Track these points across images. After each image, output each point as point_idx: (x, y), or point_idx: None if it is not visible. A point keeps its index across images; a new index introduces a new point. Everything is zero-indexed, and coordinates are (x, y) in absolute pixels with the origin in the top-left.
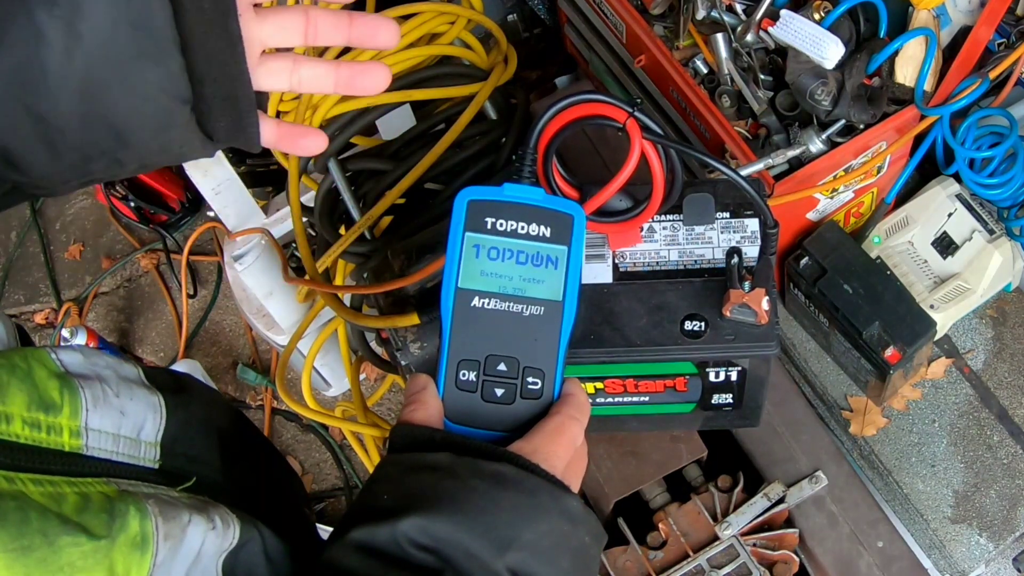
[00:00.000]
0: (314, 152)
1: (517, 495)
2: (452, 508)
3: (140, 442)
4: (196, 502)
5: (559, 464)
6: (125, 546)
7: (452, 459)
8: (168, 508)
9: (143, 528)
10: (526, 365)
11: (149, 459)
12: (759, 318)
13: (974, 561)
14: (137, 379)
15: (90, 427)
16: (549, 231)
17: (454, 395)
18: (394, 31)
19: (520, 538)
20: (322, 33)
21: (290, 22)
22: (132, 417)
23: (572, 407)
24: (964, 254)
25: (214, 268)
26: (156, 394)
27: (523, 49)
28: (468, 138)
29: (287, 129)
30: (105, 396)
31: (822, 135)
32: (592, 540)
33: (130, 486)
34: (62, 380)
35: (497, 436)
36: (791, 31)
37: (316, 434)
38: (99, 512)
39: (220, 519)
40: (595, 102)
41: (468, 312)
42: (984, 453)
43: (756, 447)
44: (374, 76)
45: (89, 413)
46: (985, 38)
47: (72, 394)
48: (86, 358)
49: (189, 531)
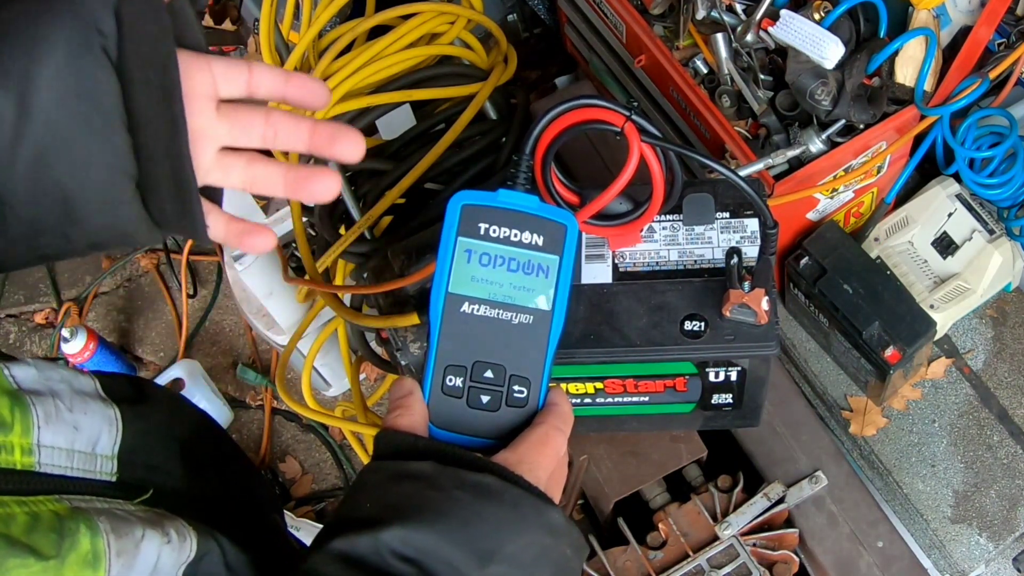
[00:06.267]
0: (262, 251)
1: (500, 507)
2: (434, 519)
3: (96, 456)
4: (151, 515)
5: (543, 475)
6: (75, 564)
7: (435, 468)
8: (121, 524)
9: (94, 545)
10: (512, 373)
11: (105, 472)
12: (759, 318)
13: (974, 561)
14: (93, 392)
15: (43, 444)
16: (541, 240)
17: (440, 400)
18: (357, 142)
19: (502, 550)
20: (281, 138)
21: (250, 123)
22: (86, 431)
23: (557, 417)
24: (964, 254)
25: (214, 268)
26: (112, 407)
27: (523, 49)
28: (468, 138)
29: (238, 226)
30: (58, 412)
31: (822, 135)
32: (573, 552)
33: (83, 502)
34: (13, 398)
35: (481, 443)
36: (791, 31)
37: (316, 434)
38: (48, 532)
39: (175, 532)
40: (592, 107)
41: (457, 317)
42: (984, 453)
43: (756, 447)
44: (323, 184)
45: (41, 430)
46: (985, 38)
47: (23, 412)
48: (39, 373)
49: (143, 546)
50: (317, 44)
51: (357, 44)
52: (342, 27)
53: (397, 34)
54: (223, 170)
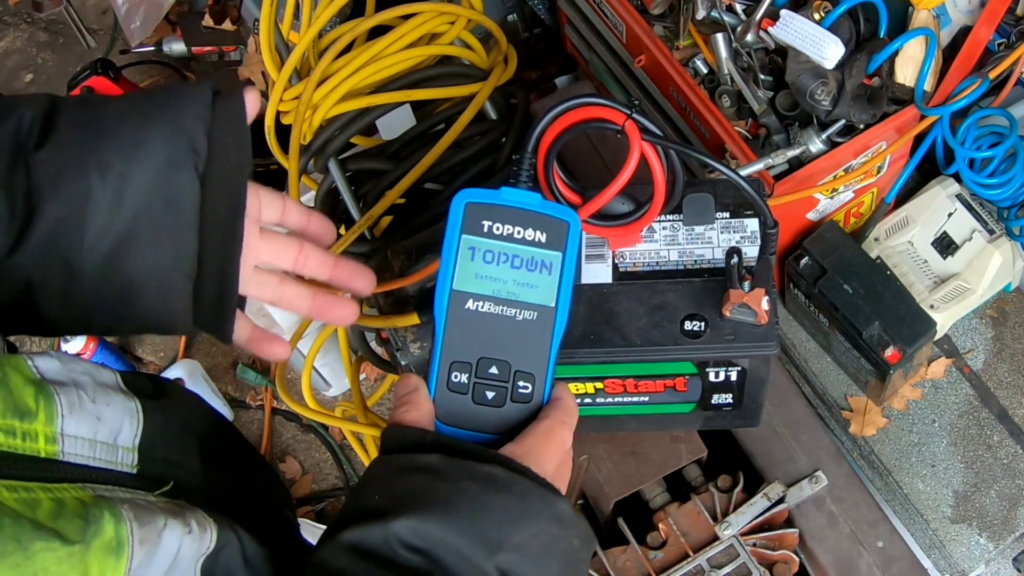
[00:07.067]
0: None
1: (508, 497)
2: (443, 509)
3: (117, 447)
4: (172, 506)
5: (549, 467)
6: (100, 551)
7: (443, 460)
8: (143, 513)
9: (118, 533)
10: (517, 369)
11: (126, 464)
12: (759, 318)
13: (974, 561)
14: (115, 385)
15: (66, 433)
16: (544, 236)
17: (445, 396)
18: (371, 281)
19: (510, 540)
20: (311, 267)
21: (286, 249)
22: (108, 423)
23: (561, 411)
24: (964, 254)
25: None
26: (133, 399)
27: (523, 49)
28: (468, 138)
29: (259, 333)
30: (81, 402)
31: (822, 135)
32: (581, 543)
33: (106, 491)
34: (38, 387)
35: (486, 438)
36: (791, 31)
37: (316, 434)
38: (73, 517)
39: (196, 523)
40: (593, 105)
41: (462, 314)
42: (984, 453)
43: (756, 447)
44: (344, 312)
45: (65, 419)
46: (985, 38)
47: (48, 400)
48: (63, 364)
49: (165, 535)
50: (317, 44)
51: (357, 44)
52: (342, 27)
53: (397, 34)
54: (258, 285)
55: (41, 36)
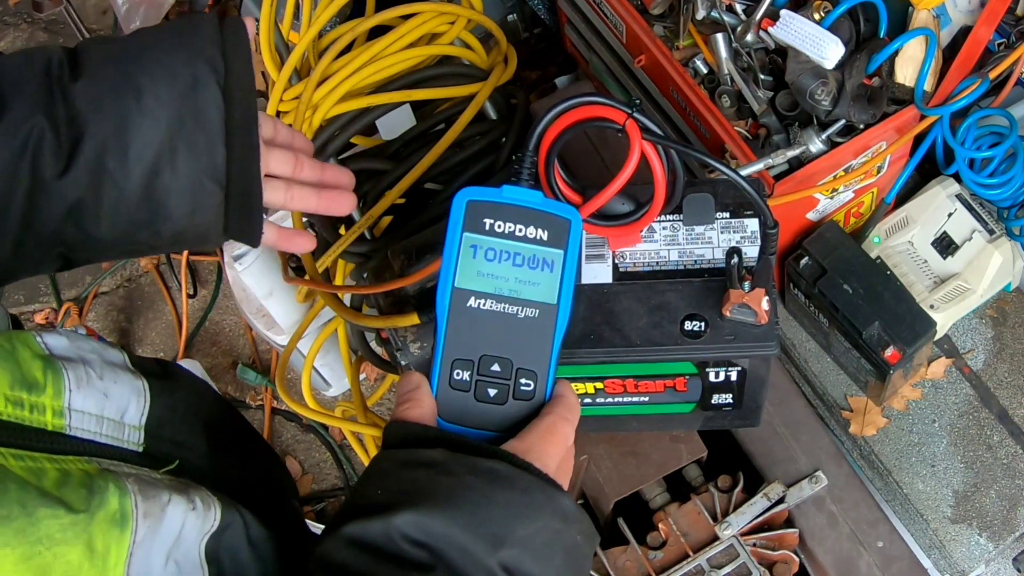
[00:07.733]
0: (307, 250)
1: (511, 492)
2: (446, 504)
3: (124, 424)
4: (176, 483)
5: (551, 463)
6: (104, 522)
7: (446, 455)
8: (148, 487)
9: (122, 505)
10: (519, 366)
11: (133, 442)
12: (759, 318)
13: (974, 561)
14: (122, 364)
15: (73, 408)
16: (546, 234)
17: (448, 394)
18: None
19: (513, 535)
20: (306, 172)
21: (285, 158)
22: (115, 400)
23: (564, 408)
24: (964, 254)
25: (214, 268)
26: (141, 379)
27: (523, 49)
28: (468, 138)
29: (285, 232)
30: (89, 378)
31: (822, 135)
32: (584, 539)
33: (112, 465)
34: (46, 361)
35: (489, 435)
36: (791, 31)
37: (316, 434)
38: (78, 487)
39: (200, 500)
40: (594, 104)
41: (464, 312)
42: (984, 453)
43: (756, 447)
44: (345, 201)
45: (72, 394)
46: (985, 38)
47: (55, 375)
48: (71, 342)
49: (168, 510)
50: (317, 44)
51: (357, 44)
52: (342, 27)
53: (397, 34)
54: (272, 189)
55: (41, 36)
